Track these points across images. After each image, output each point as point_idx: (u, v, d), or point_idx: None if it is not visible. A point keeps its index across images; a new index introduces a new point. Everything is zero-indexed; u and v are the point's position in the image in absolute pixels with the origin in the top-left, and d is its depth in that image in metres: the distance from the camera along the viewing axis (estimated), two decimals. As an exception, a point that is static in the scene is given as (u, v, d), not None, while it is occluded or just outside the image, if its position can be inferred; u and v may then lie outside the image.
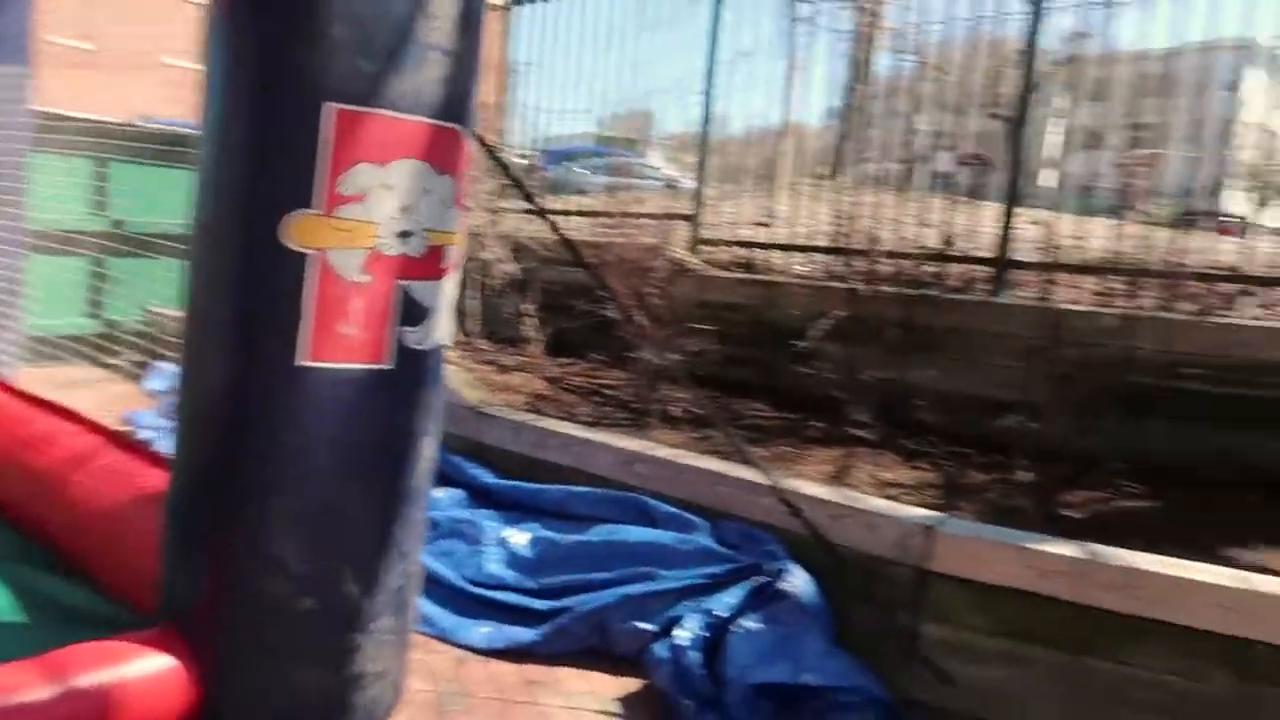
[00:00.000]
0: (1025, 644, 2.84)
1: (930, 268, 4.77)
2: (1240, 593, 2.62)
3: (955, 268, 4.85)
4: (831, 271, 5.22)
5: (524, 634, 3.20)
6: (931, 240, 4.93)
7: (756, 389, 4.87)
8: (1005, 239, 4.72)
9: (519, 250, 6.04)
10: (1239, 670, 2.59)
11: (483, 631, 3.22)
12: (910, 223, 5.07)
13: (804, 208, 5.95)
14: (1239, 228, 6.49)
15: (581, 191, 9.48)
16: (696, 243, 6.01)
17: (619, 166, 9.48)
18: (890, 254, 4.71)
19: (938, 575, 2.96)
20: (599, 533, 3.50)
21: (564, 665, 3.11)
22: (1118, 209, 5.55)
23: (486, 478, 4.01)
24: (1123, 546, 2.93)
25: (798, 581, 3.05)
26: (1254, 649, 2.57)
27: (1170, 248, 4.48)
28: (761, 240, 5.79)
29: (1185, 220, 5.13)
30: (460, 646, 3.14)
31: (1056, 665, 2.80)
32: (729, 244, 5.80)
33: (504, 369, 5.39)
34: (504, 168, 3.26)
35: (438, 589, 3.32)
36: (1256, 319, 4.16)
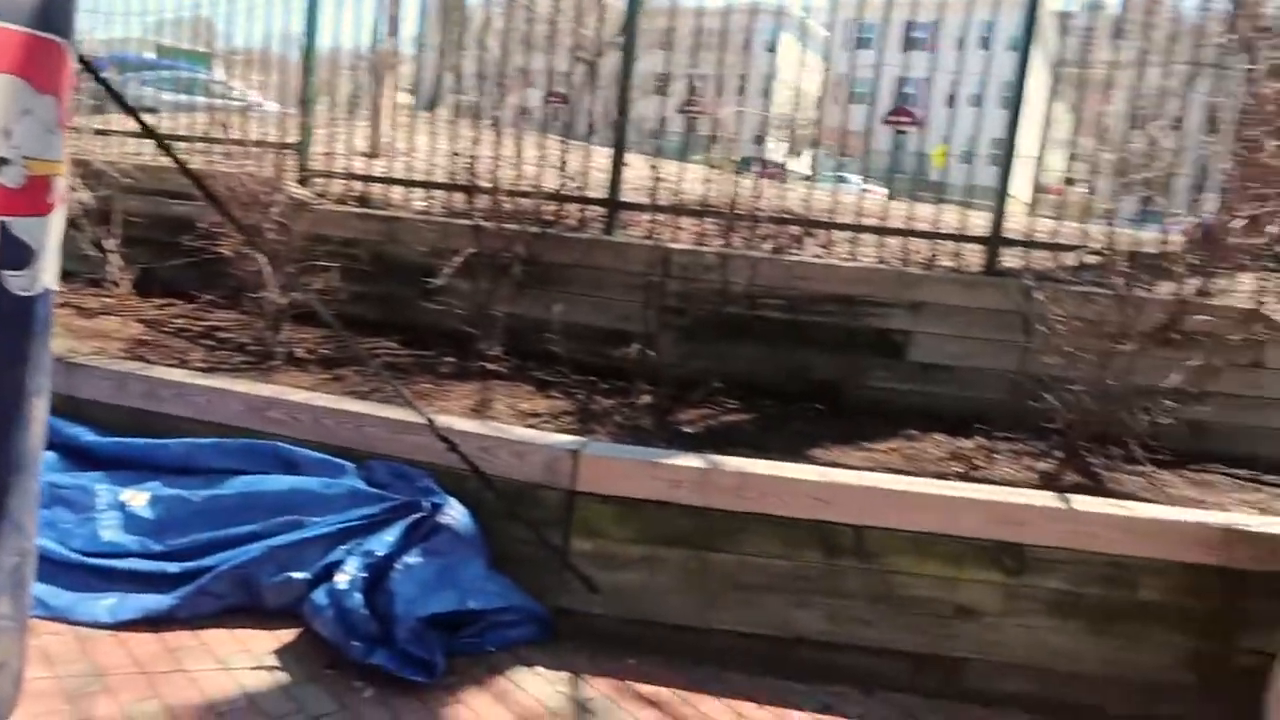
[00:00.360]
0: (660, 547, 3.20)
1: (550, 206, 4.97)
2: (825, 485, 3.17)
3: (571, 207, 5.10)
4: (452, 208, 5.24)
5: (158, 601, 2.96)
6: (540, 178, 5.10)
7: (383, 326, 4.79)
8: (615, 181, 5.07)
9: (92, 177, 5.29)
10: (826, 549, 3.15)
11: (106, 604, 2.92)
12: (522, 161, 5.21)
13: (418, 141, 5.86)
14: (780, 173, 7.47)
15: (149, 109, 8.42)
16: (304, 174, 5.68)
17: (189, 83, 8.57)
18: (511, 192, 4.83)
19: (584, 494, 3.22)
20: (234, 485, 3.30)
21: (210, 628, 2.94)
22: (686, 153, 6.12)
23: (87, 436, 3.56)
24: (732, 454, 3.40)
25: (455, 513, 3.13)
26: (837, 530, 3.14)
27: (751, 193, 5.11)
28: (379, 174, 5.61)
29: (739, 165, 5.81)
30: (82, 624, 2.83)
31: (685, 562, 3.20)
32: (345, 177, 5.54)
33: (87, 313, 4.75)
34: (104, 83, 2.83)
35: (44, 565, 2.92)
36: (817, 256, 4.91)
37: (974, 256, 4.88)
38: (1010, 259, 4.79)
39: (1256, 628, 3.06)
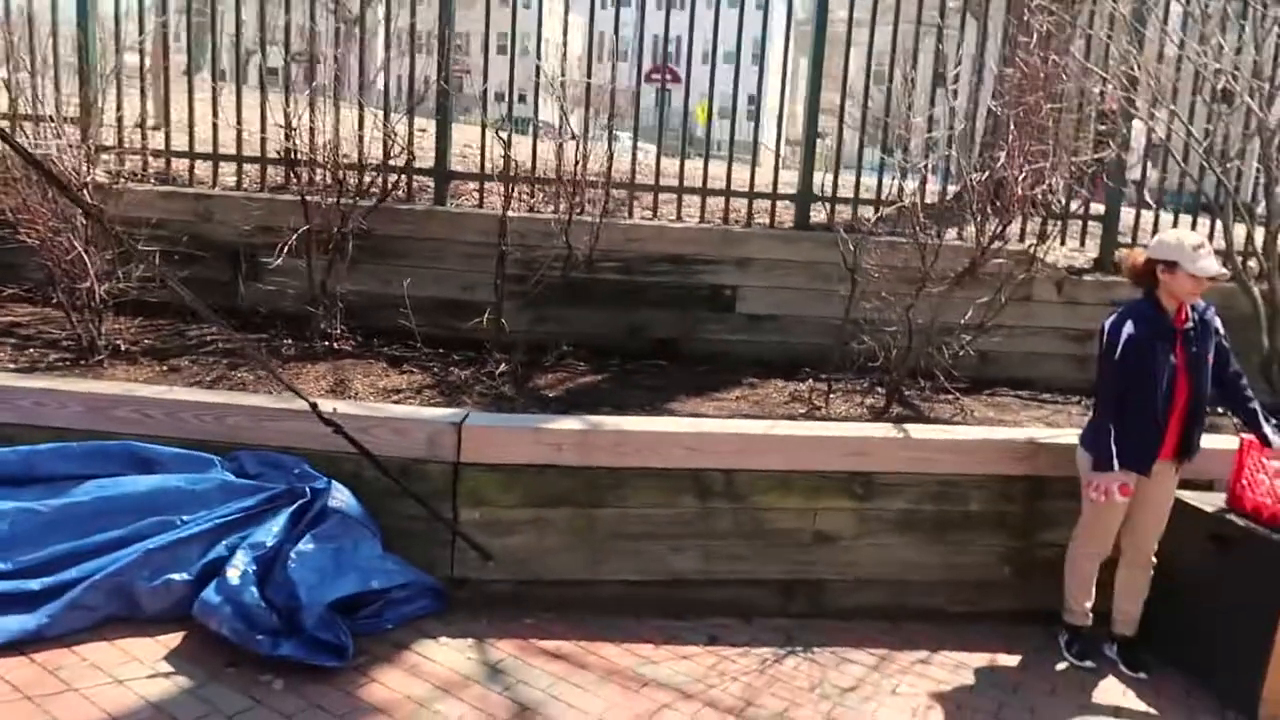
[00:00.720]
0: (546, 509, 3.32)
1: (377, 178, 4.82)
2: (697, 435, 3.40)
3: (393, 178, 4.97)
4: (271, 183, 5.00)
5: (22, 622, 2.77)
6: (357, 149, 4.92)
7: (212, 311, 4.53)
8: (443, 150, 5.02)
9: None
10: (699, 493, 3.38)
11: (-40, 633, 2.70)
12: (339, 132, 5.01)
13: (204, 110, 5.48)
14: (554, 133, 7.43)
15: None
16: (91, 150, 5.19)
17: None
18: (337, 165, 4.66)
19: (468, 465, 3.27)
20: (88, 491, 3.09)
21: (86, 643, 2.79)
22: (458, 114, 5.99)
23: (-103, 454, 3.20)
24: (598, 414, 3.56)
25: (341, 496, 3.10)
26: (707, 475, 3.38)
27: (571, 159, 5.18)
28: (179, 149, 5.20)
29: (514, 126, 5.82)
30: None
31: (571, 521, 3.34)
32: (154, 154, 5.08)
33: None
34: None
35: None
36: (645, 219, 5.10)
37: (785, 213, 5.23)
38: (815, 214, 5.17)
39: (1054, 524, 3.58)
